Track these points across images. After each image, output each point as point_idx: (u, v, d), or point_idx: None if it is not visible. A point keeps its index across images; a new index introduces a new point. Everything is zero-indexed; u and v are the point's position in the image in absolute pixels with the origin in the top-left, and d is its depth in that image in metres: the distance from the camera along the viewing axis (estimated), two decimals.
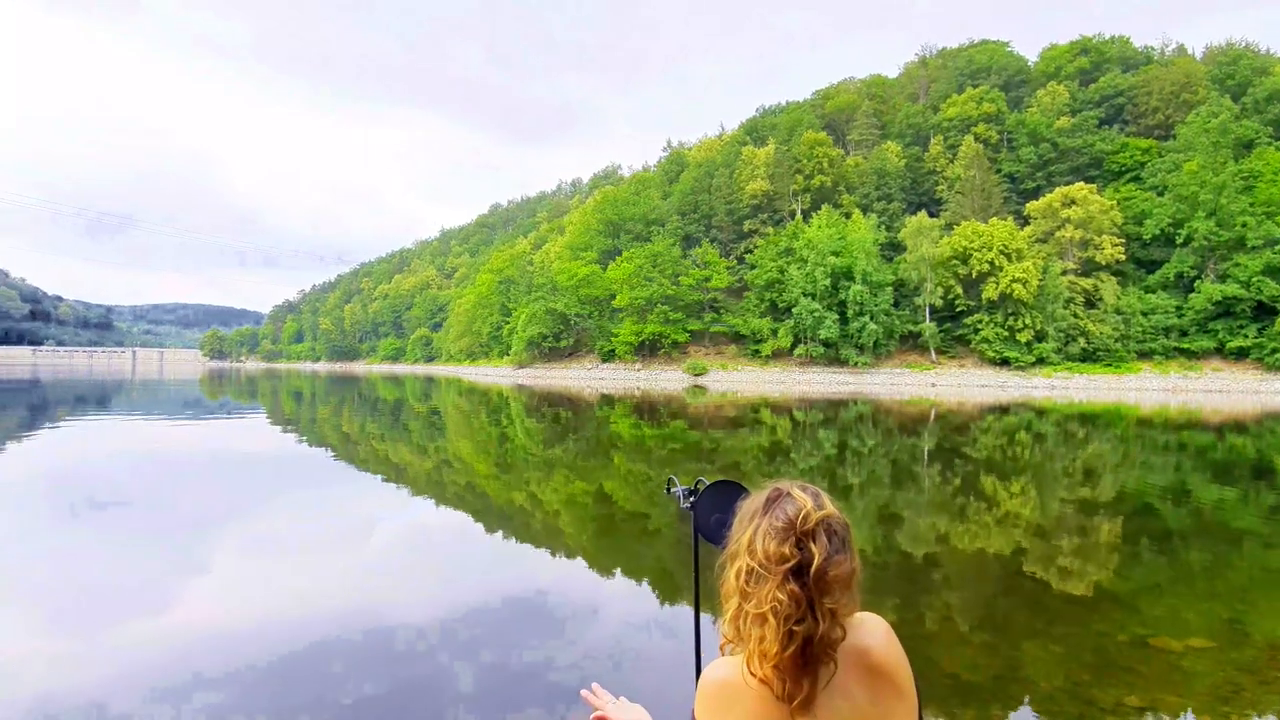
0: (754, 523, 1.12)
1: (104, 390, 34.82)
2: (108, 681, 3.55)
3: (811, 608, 1.03)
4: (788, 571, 1.04)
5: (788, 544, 1.06)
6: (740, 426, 18.79)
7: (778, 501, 1.12)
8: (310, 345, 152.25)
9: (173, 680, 3.55)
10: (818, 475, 10.62)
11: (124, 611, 4.62)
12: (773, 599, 1.03)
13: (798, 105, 79.39)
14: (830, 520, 1.10)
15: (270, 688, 3.47)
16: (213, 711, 3.22)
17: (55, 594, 4.96)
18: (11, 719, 3.14)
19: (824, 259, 52.86)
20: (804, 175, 63.26)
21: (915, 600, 5.03)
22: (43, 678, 3.59)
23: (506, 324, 72.99)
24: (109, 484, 9.48)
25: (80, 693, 3.42)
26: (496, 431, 17.65)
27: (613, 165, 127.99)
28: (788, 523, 1.08)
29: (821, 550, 1.05)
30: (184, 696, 3.37)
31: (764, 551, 1.07)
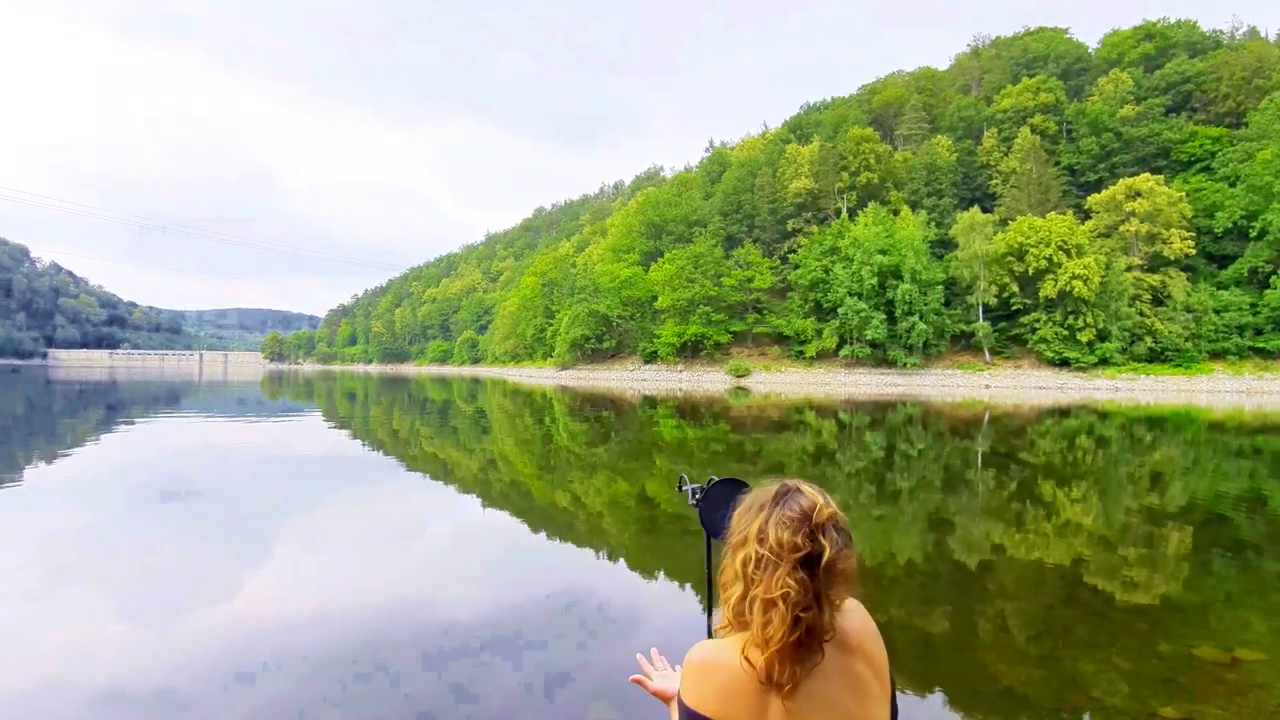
0: (764, 513, 1.14)
1: (174, 391, 36.76)
2: (175, 667, 3.75)
3: (818, 597, 1.07)
4: (798, 560, 1.07)
5: (800, 534, 1.09)
6: (784, 429, 18.55)
7: (789, 495, 1.16)
8: (363, 348, 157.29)
9: (235, 667, 3.73)
10: (864, 479, 10.40)
11: (191, 600, 4.87)
12: (784, 585, 1.05)
13: (843, 101, 77.95)
14: (837, 517, 1.15)
15: (326, 678, 3.60)
16: (273, 698, 3.37)
17: (129, 582, 5.27)
18: (87, 701, 3.36)
19: (871, 257, 51.70)
20: (849, 172, 62.02)
21: (968, 610, 4.88)
22: (116, 662, 3.82)
23: (550, 326, 73.88)
24: (179, 479, 10.01)
25: (150, 676, 3.63)
26: (540, 432, 17.88)
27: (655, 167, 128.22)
28: (802, 515, 1.11)
29: (833, 544, 1.09)
30: (246, 683, 3.53)
31: (776, 539, 1.09)
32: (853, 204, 61.43)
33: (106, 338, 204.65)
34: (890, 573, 5.75)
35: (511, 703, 3.37)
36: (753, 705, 1.08)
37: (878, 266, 51.47)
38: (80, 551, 6.15)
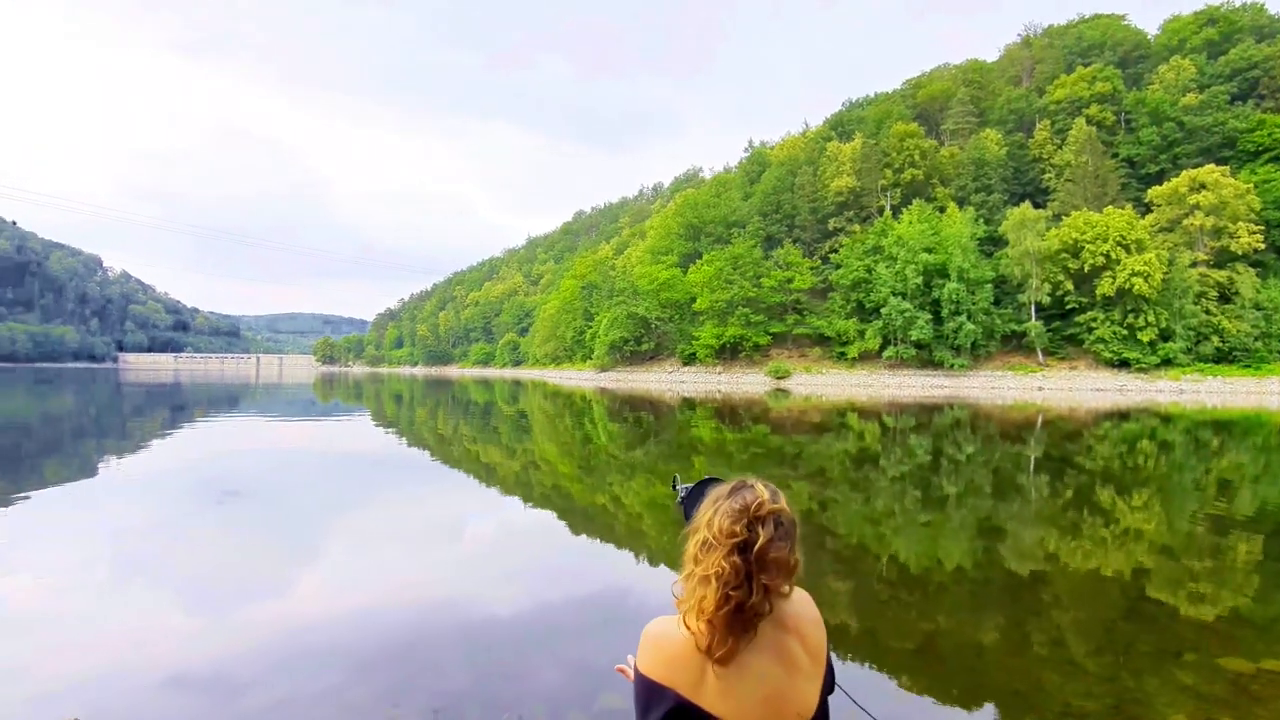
0: (716, 504, 1.29)
1: (233, 393, 38.39)
2: (232, 655, 3.92)
3: (749, 579, 1.21)
4: (735, 545, 1.22)
5: (740, 524, 1.24)
6: (825, 431, 18.25)
7: (740, 490, 1.30)
8: (409, 350, 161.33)
9: (287, 656, 3.87)
10: (909, 483, 10.15)
11: (247, 592, 5.08)
12: (718, 565, 1.21)
13: (886, 96, 76.34)
14: (780, 514, 1.28)
15: (372, 669, 3.71)
16: (322, 687, 3.49)
17: (190, 574, 5.53)
18: (153, 685, 3.53)
19: (915, 256, 50.43)
20: (893, 169, 60.66)
21: (1021, 620, 4.71)
22: (178, 649, 4.01)
23: (589, 328, 74.38)
24: (238, 478, 10.46)
25: (208, 663, 3.80)
26: (580, 434, 18.02)
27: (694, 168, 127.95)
28: (744, 507, 1.25)
29: (767, 534, 1.23)
30: (297, 672, 3.66)
31: (719, 527, 1.25)
32: (896, 202, 60.06)
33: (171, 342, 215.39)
34: (937, 579, 5.59)
35: (550, 699, 3.41)
36: (692, 672, 1.22)
37: (923, 265, 50.16)
38: (147, 545, 6.48)
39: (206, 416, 22.11)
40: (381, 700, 3.38)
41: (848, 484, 10.10)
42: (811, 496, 8.97)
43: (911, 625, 4.60)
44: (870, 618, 4.71)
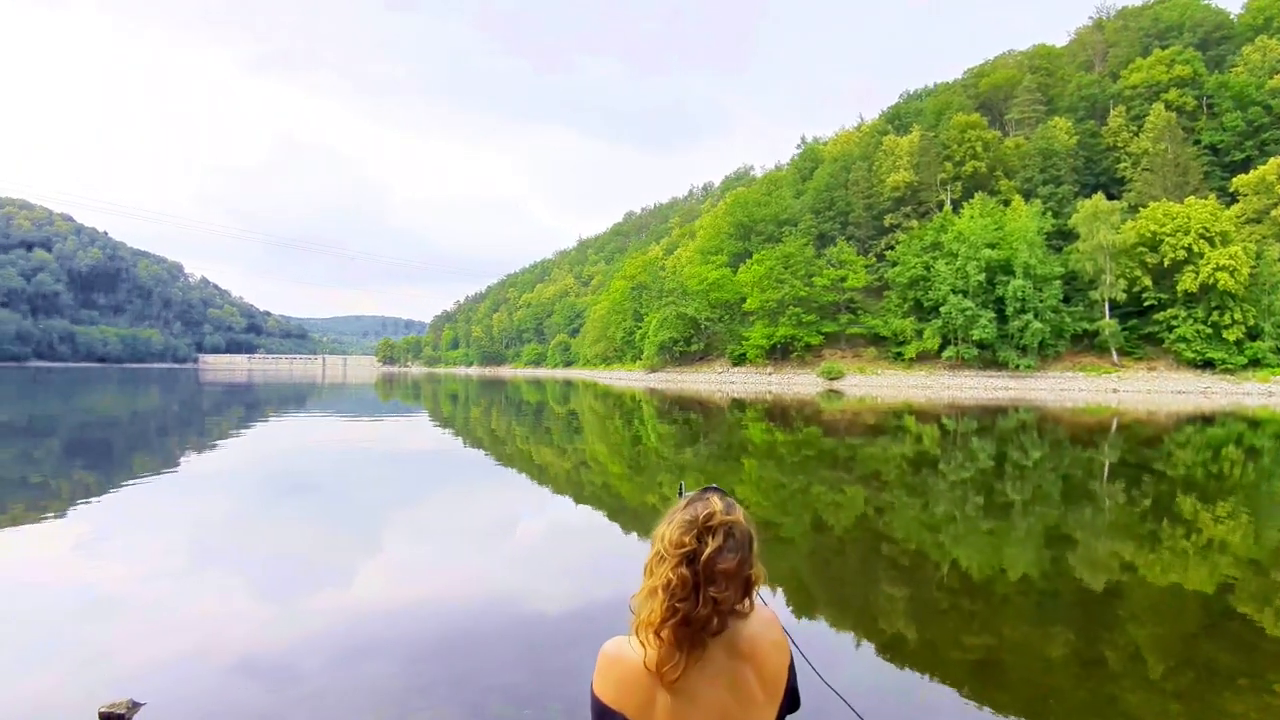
0: (672, 517, 1.28)
1: (301, 392, 40.28)
2: (296, 643, 4.10)
3: (696, 591, 1.18)
4: (683, 556, 1.20)
5: (689, 534, 1.22)
6: (880, 434, 17.75)
7: (694, 502, 1.29)
8: (464, 351, 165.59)
9: (347, 646, 4.02)
10: (971, 489, 9.76)
11: (311, 583, 5.31)
12: (665, 577, 1.20)
13: (947, 86, 73.60)
14: (734, 525, 1.25)
15: (427, 660, 3.82)
16: (380, 676, 3.61)
17: (259, 565, 5.82)
18: (222, 669, 3.74)
19: (977, 252, 48.46)
20: (953, 162, 58.47)
21: (1094, 635, 4.46)
22: (246, 636, 4.23)
23: (639, 329, 74.60)
24: (305, 473, 10.98)
25: (274, 650, 3.99)
26: (629, 434, 18.09)
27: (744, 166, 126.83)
28: (694, 518, 1.24)
29: (715, 544, 1.20)
30: (356, 661, 3.80)
31: (669, 538, 1.24)
32: (957, 196, 57.88)
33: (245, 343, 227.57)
34: (1001, 590, 5.36)
35: None
36: (642, 697, 1.20)
37: (985, 261, 48.15)
38: (222, 536, 6.86)
39: (277, 414, 23.25)
40: (436, 690, 3.47)
41: (904, 489, 9.80)
42: (867, 501, 8.75)
43: (973, 636, 4.42)
44: (929, 627, 4.56)
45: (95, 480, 9.85)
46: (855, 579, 5.72)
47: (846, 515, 8.04)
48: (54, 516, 7.40)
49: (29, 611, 4.60)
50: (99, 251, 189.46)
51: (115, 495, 8.70)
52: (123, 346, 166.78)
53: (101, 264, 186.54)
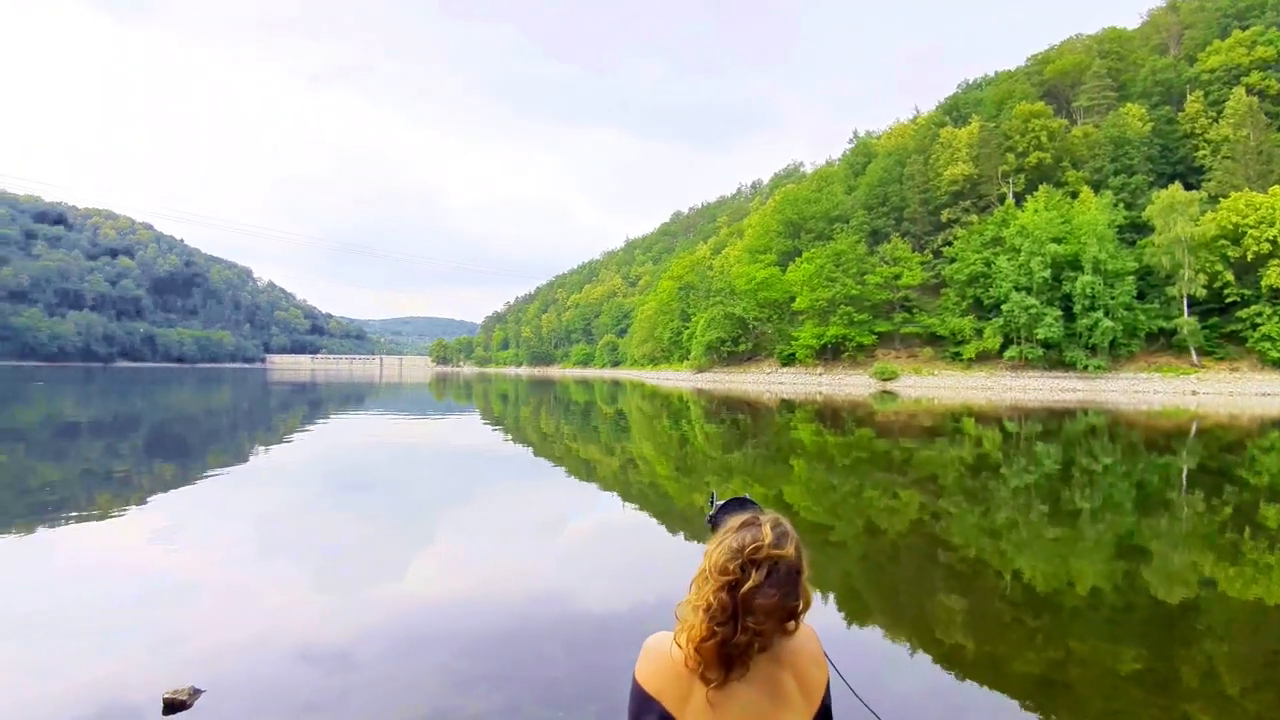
0: (723, 538, 1.31)
1: (360, 391, 41.82)
2: (354, 633, 4.24)
3: (735, 618, 1.21)
4: (726, 583, 1.23)
5: (734, 563, 1.24)
6: (937, 436, 17.17)
7: (746, 528, 1.30)
8: (514, 351, 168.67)
9: (402, 637, 4.14)
10: (1035, 495, 9.34)
11: (368, 576, 5.49)
12: (707, 600, 1.24)
13: (1009, 75, 70.59)
14: (781, 560, 1.26)
15: (479, 654, 3.90)
16: (433, 667, 3.70)
17: (319, 557, 6.06)
18: (284, 656, 3.90)
19: (1042, 247, 46.27)
20: (1016, 153, 55.99)
21: (1169, 651, 4.20)
22: (307, 625, 4.40)
23: (686, 329, 74.37)
24: (363, 469, 11.40)
25: (333, 639, 4.13)
26: (677, 435, 18.05)
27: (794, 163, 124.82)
28: (741, 547, 1.26)
29: (757, 578, 1.22)
30: (410, 652, 3.91)
31: (716, 562, 1.27)
32: (1020, 189, 55.43)
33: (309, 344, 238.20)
34: (1069, 603, 5.10)
35: None
36: (681, 689, 1.26)
37: (1051, 257, 45.92)
38: (286, 528, 7.18)
39: (339, 413, 24.20)
40: (486, 683, 3.54)
41: (963, 493, 9.45)
42: (922, 506, 8.47)
43: (1037, 651, 4.22)
44: (990, 639, 4.38)
45: (173, 474, 10.47)
46: (910, 587, 5.54)
47: (900, 520, 7.81)
48: (135, 507, 7.90)
49: (105, 597, 4.91)
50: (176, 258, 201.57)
51: (191, 488, 9.22)
52: (198, 348, 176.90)
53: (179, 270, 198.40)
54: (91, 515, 7.51)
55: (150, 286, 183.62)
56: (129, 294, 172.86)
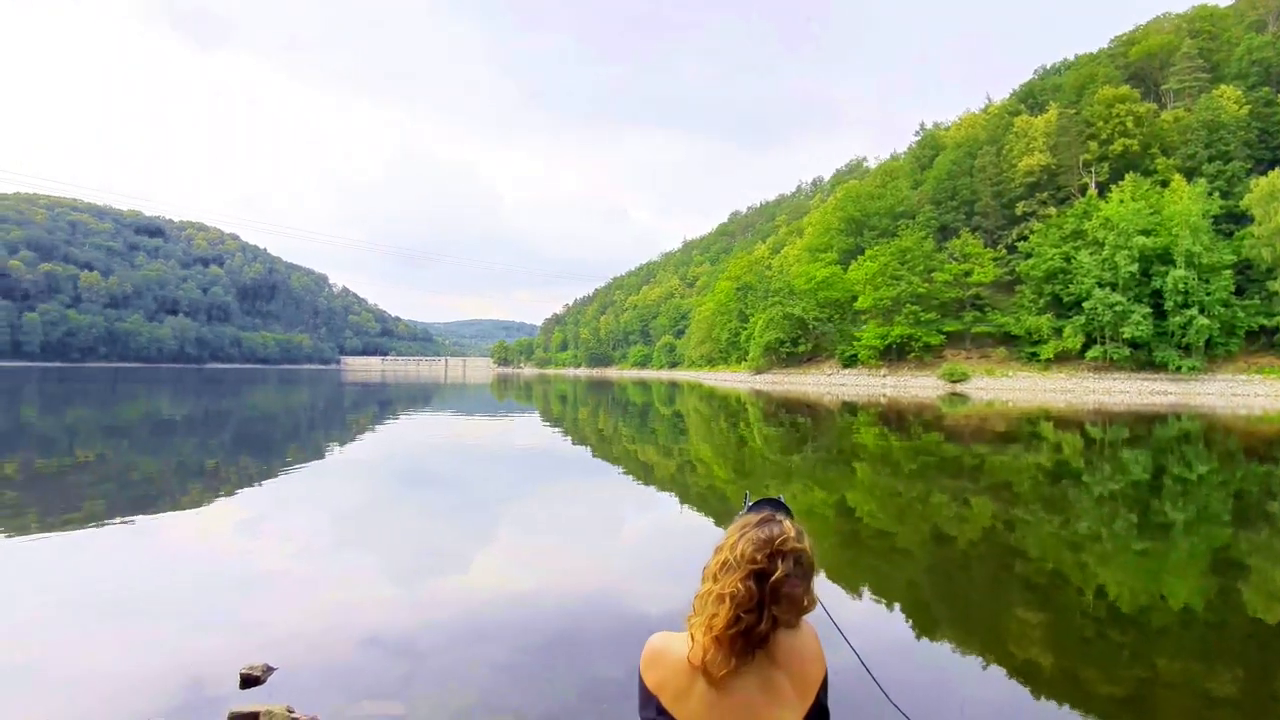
0: (744, 531, 1.38)
1: (427, 392, 43.37)
2: (417, 624, 4.39)
3: (760, 606, 1.28)
4: (753, 572, 1.30)
5: (762, 553, 1.31)
6: (1012, 442, 16.34)
7: (768, 523, 1.38)
8: (572, 353, 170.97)
9: (462, 630, 4.26)
10: (1121, 505, 8.75)
11: (431, 569, 5.68)
12: (734, 586, 1.29)
13: (1089, 58, 66.61)
14: (802, 554, 1.34)
15: (534, 650, 3.96)
16: (492, 661, 3.79)
17: (386, 550, 6.31)
18: (353, 644, 4.07)
19: (1128, 240, 43.37)
20: (1098, 141, 52.71)
21: (1271, 673, 3.85)
22: (374, 615, 4.58)
23: (744, 330, 73.57)
24: (430, 465, 11.82)
25: (398, 630, 4.29)
26: (734, 437, 17.86)
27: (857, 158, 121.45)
28: (769, 539, 1.33)
29: (785, 569, 1.30)
30: (470, 645, 4.02)
31: (741, 551, 1.33)
32: (1103, 178, 52.17)
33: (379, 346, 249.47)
34: (1158, 620, 4.76)
35: None
36: (680, 685, 1.32)
37: (1138, 250, 42.97)
38: (358, 521, 7.51)
39: (407, 412, 25.17)
40: (540, 680, 3.60)
41: (1040, 502, 8.95)
42: (995, 514, 8.08)
43: (1122, 669, 3.95)
44: (1070, 656, 4.13)
45: (257, 469, 11.14)
46: (982, 598, 5.29)
47: (972, 528, 7.47)
48: (222, 499, 8.45)
49: (194, 582, 5.28)
50: (260, 266, 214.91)
51: (273, 482, 9.79)
52: (279, 350, 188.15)
53: (262, 277, 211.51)
54: (184, 506, 8.09)
55: (237, 293, 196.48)
56: (218, 300, 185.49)
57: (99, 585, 5.13)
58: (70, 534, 6.58)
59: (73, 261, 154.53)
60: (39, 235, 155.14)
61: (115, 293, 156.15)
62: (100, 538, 6.52)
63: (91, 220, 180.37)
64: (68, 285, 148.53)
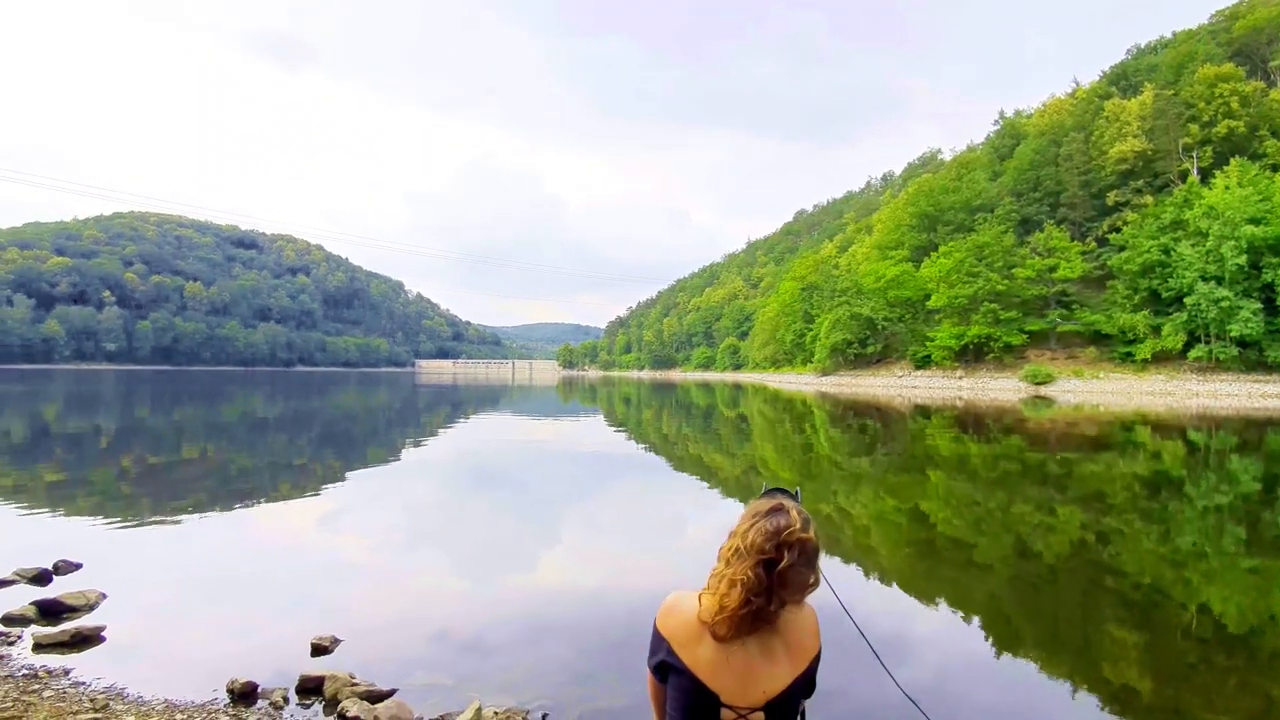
0: (754, 520, 1.48)
1: (496, 394, 44.68)
2: (485, 619, 4.54)
3: (769, 592, 1.40)
4: (762, 561, 1.41)
5: (771, 543, 1.42)
6: (1104, 448, 15.28)
7: (776, 513, 1.47)
8: (636, 355, 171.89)
9: (528, 626, 4.36)
10: (1229, 517, 8.04)
11: (499, 566, 5.85)
12: (744, 574, 1.41)
13: (1189, 35, 61.54)
14: (808, 543, 1.44)
15: (598, 647, 4.02)
16: (555, 658, 3.87)
17: (457, 546, 6.55)
18: (424, 637, 4.25)
19: (1236, 229, 39.70)
20: (1200, 124, 48.57)
21: None
22: (444, 609, 4.77)
23: (809, 331, 71.92)
24: (500, 465, 12.17)
25: (467, 624, 4.46)
26: (800, 440, 17.51)
27: (930, 151, 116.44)
28: (776, 530, 1.43)
29: (791, 558, 1.41)
30: (535, 641, 4.12)
31: (752, 541, 1.44)
32: (1205, 163, 48.05)
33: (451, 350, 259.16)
34: (1271, 645, 4.35)
35: None
36: (690, 635, 1.46)
37: (1247, 241, 39.25)
38: (432, 518, 7.84)
39: (477, 413, 26.01)
40: (602, 679, 3.64)
41: (1137, 513, 8.34)
42: (1085, 526, 7.58)
43: (1229, 696, 3.63)
44: (1171, 681, 3.83)
45: (341, 466, 11.78)
46: (1071, 615, 4.98)
47: (1059, 540, 7.04)
48: (310, 494, 8.99)
49: (280, 567, 5.74)
50: (343, 275, 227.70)
51: (354, 478, 10.34)
52: (359, 353, 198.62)
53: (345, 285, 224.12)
54: (276, 500, 8.66)
55: (322, 300, 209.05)
56: (306, 307, 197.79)
57: (202, 568, 5.63)
58: (177, 522, 7.18)
59: (179, 273, 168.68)
60: (150, 250, 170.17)
61: (216, 301, 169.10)
62: (203, 526, 7.11)
63: (195, 235, 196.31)
64: (174, 295, 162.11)
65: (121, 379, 67.91)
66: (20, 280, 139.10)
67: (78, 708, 3.21)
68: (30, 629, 4.21)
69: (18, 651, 3.90)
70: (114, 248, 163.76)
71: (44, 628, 4.23)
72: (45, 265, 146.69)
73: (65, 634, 4.05)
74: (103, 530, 6.81)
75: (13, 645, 3.98)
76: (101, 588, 4.86)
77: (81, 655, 3.89)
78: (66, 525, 7.02)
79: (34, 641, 4.01)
